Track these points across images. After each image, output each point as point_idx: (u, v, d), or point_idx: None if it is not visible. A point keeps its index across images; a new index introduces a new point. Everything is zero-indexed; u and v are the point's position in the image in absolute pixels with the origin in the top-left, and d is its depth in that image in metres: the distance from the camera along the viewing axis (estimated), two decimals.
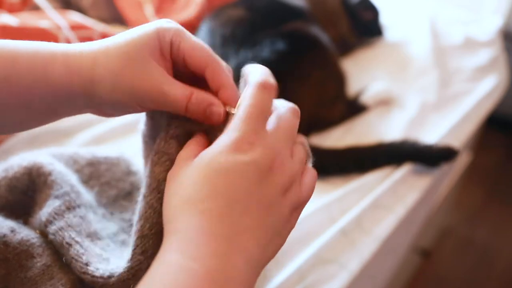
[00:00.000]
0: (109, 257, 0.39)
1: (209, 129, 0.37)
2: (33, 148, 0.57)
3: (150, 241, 0.35)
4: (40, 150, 0.50)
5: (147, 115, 0.42)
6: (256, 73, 0.35)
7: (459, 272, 1.52)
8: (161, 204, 0.34)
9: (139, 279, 0.34)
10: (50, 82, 0.34)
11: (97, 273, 0.36)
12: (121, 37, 0.35)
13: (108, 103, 0.36)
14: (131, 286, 0.35)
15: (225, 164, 0.31)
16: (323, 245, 0.61)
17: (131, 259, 0.35)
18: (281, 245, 0.34)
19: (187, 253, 0.29)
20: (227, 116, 0.36)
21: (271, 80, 0.35)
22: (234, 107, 0.35)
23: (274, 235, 0.32)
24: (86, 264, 0.37)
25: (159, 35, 0.35)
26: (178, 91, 0.34)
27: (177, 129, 0.37)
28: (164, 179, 0.35)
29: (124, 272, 0.35)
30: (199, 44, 0.36)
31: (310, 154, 0.38)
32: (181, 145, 0.36)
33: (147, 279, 0.29)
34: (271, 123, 0.34)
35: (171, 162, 0.35)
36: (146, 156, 0.43)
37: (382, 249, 0.66)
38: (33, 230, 0.42)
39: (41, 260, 0.39)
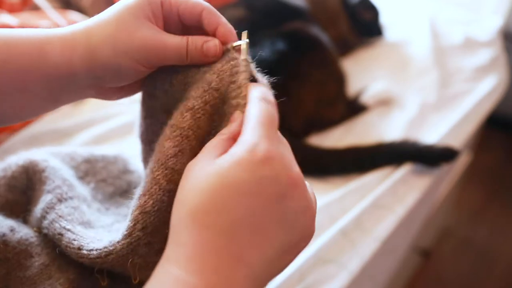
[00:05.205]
0: (103, 238, 0.38)
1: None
2: (33, 148, 0.57)
3: (151, 218, 0.34)
4: (39, 149, 0.50)
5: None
6: (256, 90, 0.35)
7: (459, 272, 1.52)
8: (167, 181, 0.33)
9: (138, 253, 0.34)
10: (47, 63, 0.34)
11: (92, 256, 0.36)
12: (113, 7, 0.37)
13: (110, 71, 0.36)
14: (130, 260, 0.34)
15: (242, 178, 0.29)
16: (323, 245, 0.61)
17: (130, 234, 0.34)
18: (293, 260, 0.33)
19: (187, 267, 0.28)
20: (226, 50, 0.36)
21: (271, 96, 0.35)
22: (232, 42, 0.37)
23: (285, 251, 0.31)
24: (79, 249, 0.37)
25: None
26: (176, 39, 0.36)
27: (195, 101, 0.35)
28: (174, 155, 0.33)
29: (123, 248, 0.34)
30: None
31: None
32: (196, 120, 0.34)
33: None
34: None
35: (183, 138, 0.34)
36: (142, 134, 0.43)
37: (382, 249, 0.66)
38: (31, 228, 0.42)
39: (40, 259, 0.39)
